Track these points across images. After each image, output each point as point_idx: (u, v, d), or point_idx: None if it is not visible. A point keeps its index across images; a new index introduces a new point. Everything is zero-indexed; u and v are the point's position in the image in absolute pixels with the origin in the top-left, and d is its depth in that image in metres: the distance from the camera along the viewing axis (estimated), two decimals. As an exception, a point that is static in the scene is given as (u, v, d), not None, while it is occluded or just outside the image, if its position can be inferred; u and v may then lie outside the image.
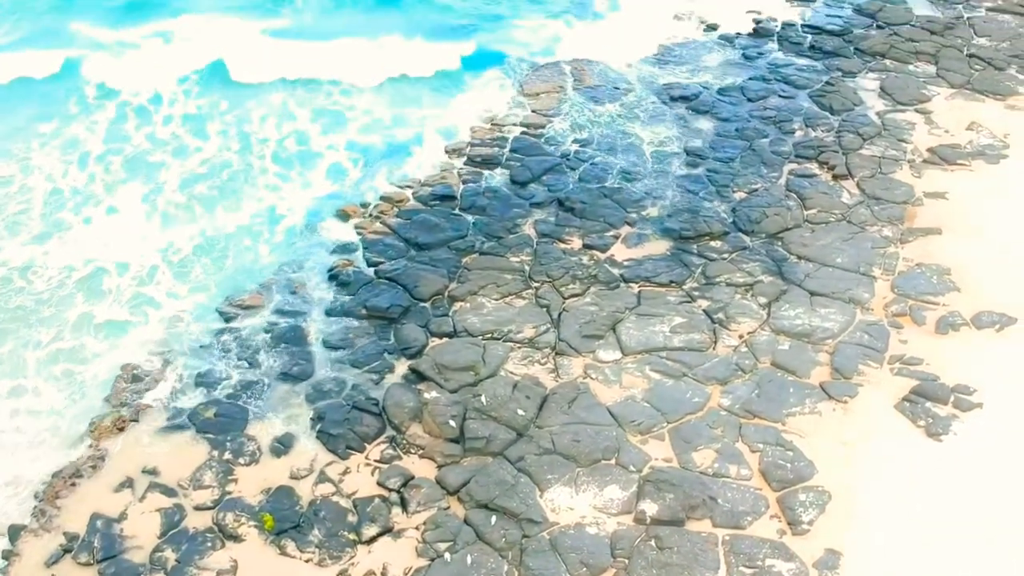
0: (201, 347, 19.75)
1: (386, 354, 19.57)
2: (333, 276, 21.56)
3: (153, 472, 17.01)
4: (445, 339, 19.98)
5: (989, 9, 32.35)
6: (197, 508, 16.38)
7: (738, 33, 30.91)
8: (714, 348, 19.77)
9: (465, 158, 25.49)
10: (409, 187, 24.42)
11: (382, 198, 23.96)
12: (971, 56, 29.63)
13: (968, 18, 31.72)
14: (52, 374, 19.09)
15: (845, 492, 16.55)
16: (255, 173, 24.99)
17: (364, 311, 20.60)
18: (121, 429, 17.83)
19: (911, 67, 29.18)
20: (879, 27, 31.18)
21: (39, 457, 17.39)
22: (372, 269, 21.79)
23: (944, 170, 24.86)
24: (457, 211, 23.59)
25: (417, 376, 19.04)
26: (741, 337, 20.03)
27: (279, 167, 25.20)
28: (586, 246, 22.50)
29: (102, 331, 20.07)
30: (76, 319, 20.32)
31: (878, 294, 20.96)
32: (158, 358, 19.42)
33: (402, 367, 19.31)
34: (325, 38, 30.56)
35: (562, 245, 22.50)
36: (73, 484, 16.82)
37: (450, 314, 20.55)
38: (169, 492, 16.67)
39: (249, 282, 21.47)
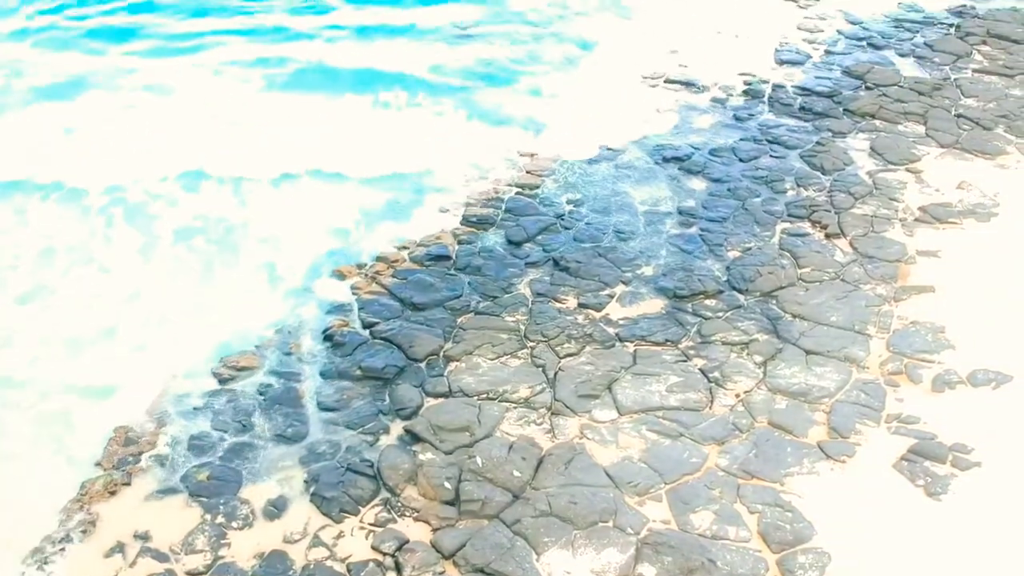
0: (195, 409, 19.59)
1: (381, 415, 19.45)
2: (328, 337, 21.53)
3: (145, 536, 16.74)
4: (440, 399, 19.89)
5: (975, 71, 32.92)
6: (189, 573, 16.08)
7: (729, 95, 31.37)
8: (711, 407, 19.69)
9: (460, 218, 25.66)
10: (405, 247, 24.54)
11: (378, 258, 24.06)
12: (959, 116, 30.09)
13: (955, 79, 32.27)
14: (41, 437, 18.87)
15: (845, 553, 16.34)
16: (251, 230, 25.11)
17: (359, 371, 20.53)
18: (113, 493, 17.58)
19: (900, 127, 29.60)
20: (868, 88, 31.68)
21: (28, 522, 17.11)
22: (368, 330, 21.79)
23: (936, 228, 25.08)
24: (452, 271, 23.67)
25: (412, 437, 18.90)
26: (737, 396, 19.98)
27: (275, 225, 25.31)
28: (581, 305, 22.54)
29: (93, 392, 19.88)
30: (65, 380, 20.16)
31: (873, 352, 20.97)
32: (151, 420, 19.26)
33: (397, 428, 19.17)
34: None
35: (557, 304, 22.54)
36: (63, 549, 16.54)
37: (445, 374, 20.48)
38: (161, 557, 16.38)
39: (244, 342, 21.41)
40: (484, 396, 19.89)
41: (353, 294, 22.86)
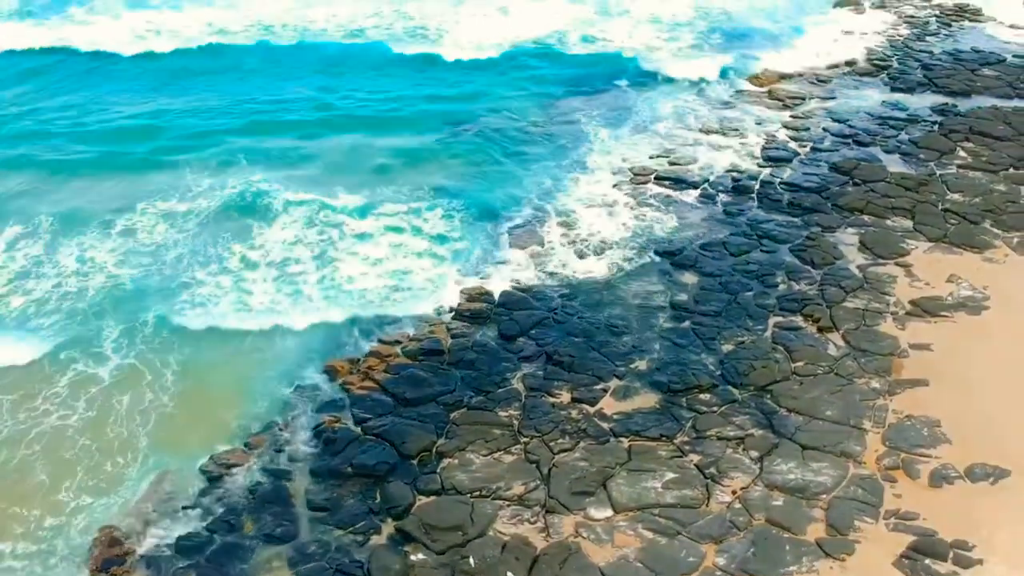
0: (183, 508, 19.30)
1: (372, 514, 19.13)
2: (319, 433, 21.33)
3: (128, 641, 16.29)
4: (432, 497, 19.61)
5: (960, 167, 33.48)
6: None
7: (718, 191, 31.81)
8: (707, 504, 19.42)
9: (454, 313, 25.71)
10: (398, 342, 24.51)
11: (370, 353, 24.00)
12: (946, 211, 30.49)
13: (940, 175, 32.80)
14: (25, 538, 18.52)
15: (848, 657, 15.94)
16: (245, 327, 25.09)
17: (350, 469, 20.27)
18: (97, 596, 17.21)
19: (889, 222, 29.95)
20: (855, 184, 32.16)
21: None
22: (359, 426, 21.60)
23: (927, 322, 25.15)
24: (445, 365, 23.59)
25: (403, 537, 18.56)
26: (734, 493, 19.73)
27: (267, 320, 25.29)
28: (575, 400, 22.43)
29: (80, 492, 19.62)
30: (51, 479, 19.90)
31: (870, 447, 20.80)
32: (138, 520, 18.93)
33: (388, 527, 18.85)
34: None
35: (551, 399, 22.43)
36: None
37: (438, 471, 20.23)
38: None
39: (234, 439, 21.22)
40: (477, 493, 19.62)
41: (345, 390, 22.73)
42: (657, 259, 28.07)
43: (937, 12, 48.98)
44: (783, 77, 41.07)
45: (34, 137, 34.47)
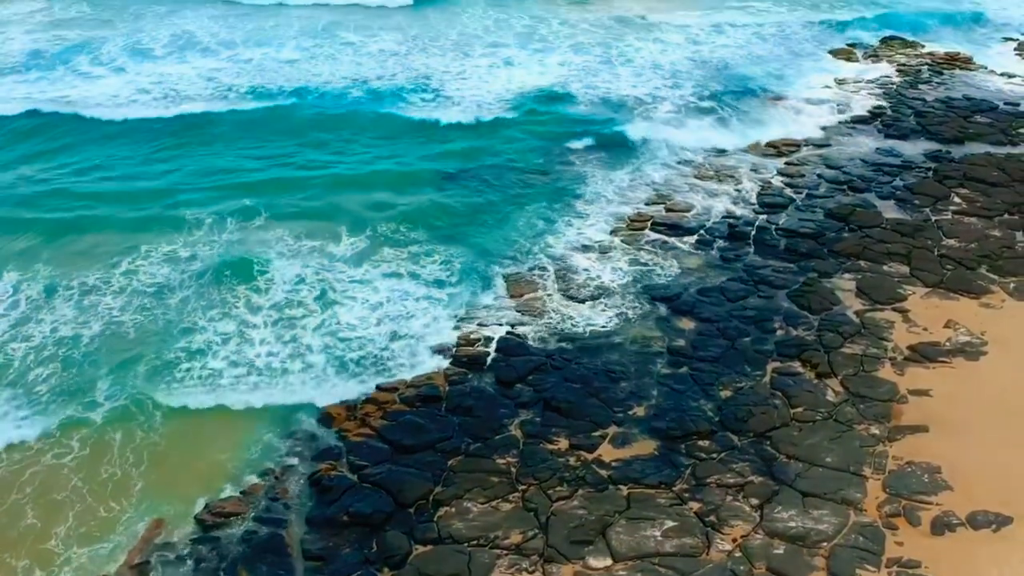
0: (177, 558, 19.07)
1: (368, 563, 18.90)
2: (316, 481, 21.14)
3: None
4: (430, 546, 19.39)
5: (955, 212, 33.69)
6: None
7: (715, 237, 31.94)
8: (707, 553, 19.22)
9: (451, 359, 25.65)
10: (395, 388, 24.40)
11: (367, 400, 23.89)
12: (942, 256, 30.61)
13: (936, 221, 32.98)
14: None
15: None
16: (240, 373, 25.00)
17: (346, 517, 20.07)
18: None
19: (885, 267, 30.05)
20: (851, 230, 32.32)
21: None
22: (356, 474, 21.42)
23: (926, 367, 25.11)
24: (443, 412, 23.48)
25: (400, 587, 18.34)
26: (735, 541, 19.55)
27: (264, 366, 25.21)
28: (573, 447, 22.29)
29: (71, 541, 19.41)
30: (39, 528, 19.70)
31: (870, 494, 20.65)
32: (131, 571, 18.67)
33: (385, 577, 18.63)
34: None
35: (549, 446, 22.29)
36: None
37: (435, 519, 20.04)
38: None
39: (230, 488, 21.02)
40: (475, 543, 19.42)
41: (341, 437, 22.58)
42: (655, 305, 28.08)
43: (929, 61, 49.64)
44: (775, 123, 41.40)
45: (42, 197, 34.18)
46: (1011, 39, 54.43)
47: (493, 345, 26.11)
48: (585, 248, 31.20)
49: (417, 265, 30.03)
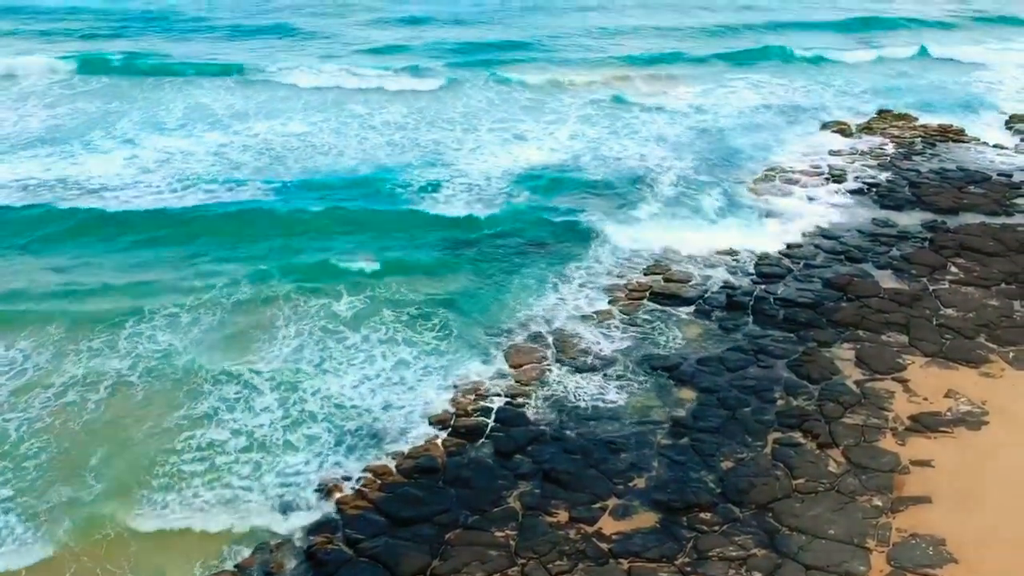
0: (170, 636, 18.71)
1: (364, 641, 18.53)
2: (311, 555, 20.81)
3: None
4: (427, 622, 19.03)
5: (952, 281, 33.84)
6: None
7: (713, 307, 32.01)
8: (710, 628, 18.83)
9: (449, 429, 25.47)
10: (392, 459, 24.20)
11: (364, 471, 23.66)
12: (940, 326, 30.64)
13: (933, 290, 33.10)
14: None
15: None
16: (234, 444, 24.74)
17: (342, 592, 19.73)
18: None
19: (884, 337, 30.06)
20: (849, 300, 32.41)
21: None
22: (352, 547, 21.08)
23: (927, 438, 24.95)
24: (441, 484, 23.23)
25: (397, 664, 17.92)
26: (738, 616, 19.17)
27: (260, 435, 24.99)
28: (573, 519, 21.99)
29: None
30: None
31: (875, 567, 20.33)
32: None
33: (381, 654, 18.22)
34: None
35: (548, 518, 22.00)
36: None
37: (432, 595, 19.69)
38: None
39: (223, 561, 20.69)
40: (473, 618, 19.05)
41: (338, 509, 22.30)
42: (654, 374, 28.01)
43: (922, 133, 50.40)
44: (772, 195, 41.85)
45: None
46: (1001, 112, 55.33)
47: (492, 416, 25.97)
48: (584, 318, 31.25)
49: (415, 332, 30.05)
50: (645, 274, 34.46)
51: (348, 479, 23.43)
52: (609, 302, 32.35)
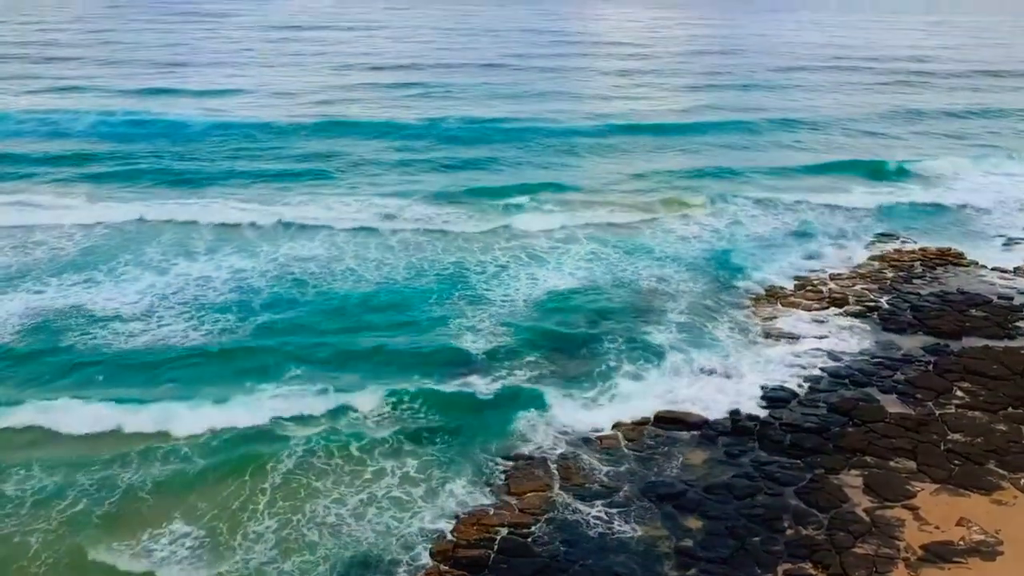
0: None
1: None
2: None
3: None
4: None
5: (958, 405, 33.64)
6: None
7: (719, 432, 31.77)
8: None
9: (451, 561, 24.93)
10: (393, 592, 23.65)
11: (365, 605, 23.12)
12: (949, 451, 30.32)
13: (940, 415, 32.87)
14: None
15: None
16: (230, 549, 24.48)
17: None
18: None
19: (892, 463, 29.70)
20: (855, 425, 32.17)
21: None
22: None
23: (941, 568, 24.39)
24: (443, 619, 22.63)
25: None
26: None
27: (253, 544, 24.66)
28: (579, 657, 21.31)
29: None
30: None
31: None
32: None
33: None
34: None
35: (553, 656, 21.32)
36: None
37: None
38: None
39: None
40: None
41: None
42: (660, 502, 27.59)
43: (921, 256, 50.90)
44: (775, 318, 42.04)
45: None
46: (1000, 235, 56.06)
47: (495, 546, 25.46)
48: (587, 442, 30.98)
49: (417, 458, 29.76)
50: (647, 397, 34.25)
51: (347, 613, 22.84)
52: (613, 427, 32.12)
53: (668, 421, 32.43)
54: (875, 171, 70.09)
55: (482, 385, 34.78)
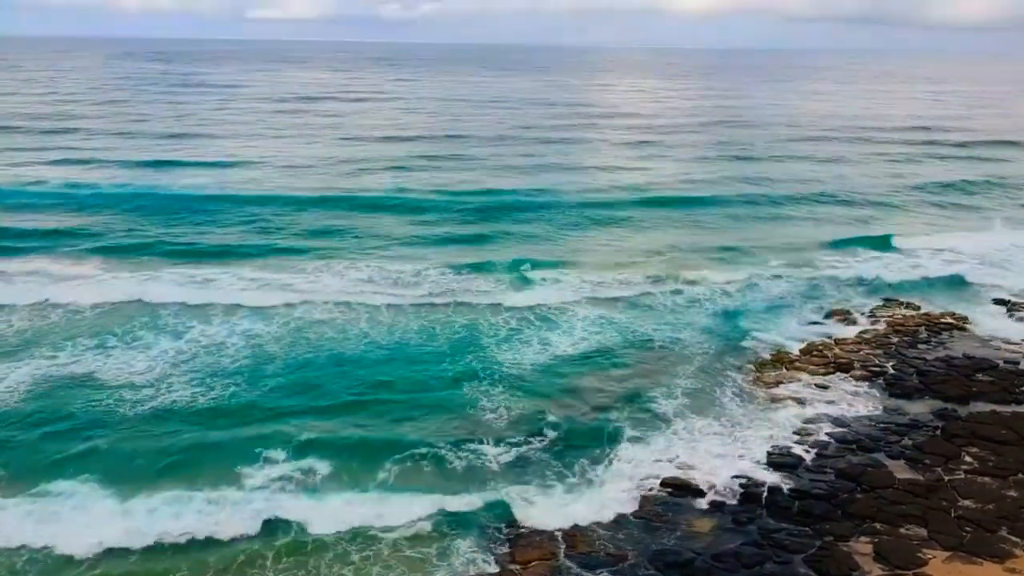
0: None
1: None
2: None
3: None
4: None
5: (967, 471, 33.32)
6: None
7: (725, 498, 31.46)
8: None
9: (455, 630, 24.60)
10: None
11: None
12: (959, 518, 29.94)
13: (949, 480, 32.54)
14: None
15: None
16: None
17: None
18: None
19: (902, 530, 29.33)
20: (864, 491, 31.84)
21: None
22: None
23: (955, 639, 23.91)
24: None
25: None
26: None
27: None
28: None
29: None
30: None
31: None
32: None
33: None
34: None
35: None
36: None
37: None
38: None
39: None
40: None
41: None
42: (667, 572, 27.19)
43: (926, 321, 50.90)
44: (781, 383, 41.90)
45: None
46: (1000, 300, 56.01)
47: (499, 614, 25.11)
48: (593, 513, 30.60)
49: (420, 528, 29.43)
50: (655, 462, 34.01)
51: None
52: (622, 491, 31.79)
53: (674, 487, 32.15)
54: (880, 241, 70.64)
55: (483, 451, 34.60)
